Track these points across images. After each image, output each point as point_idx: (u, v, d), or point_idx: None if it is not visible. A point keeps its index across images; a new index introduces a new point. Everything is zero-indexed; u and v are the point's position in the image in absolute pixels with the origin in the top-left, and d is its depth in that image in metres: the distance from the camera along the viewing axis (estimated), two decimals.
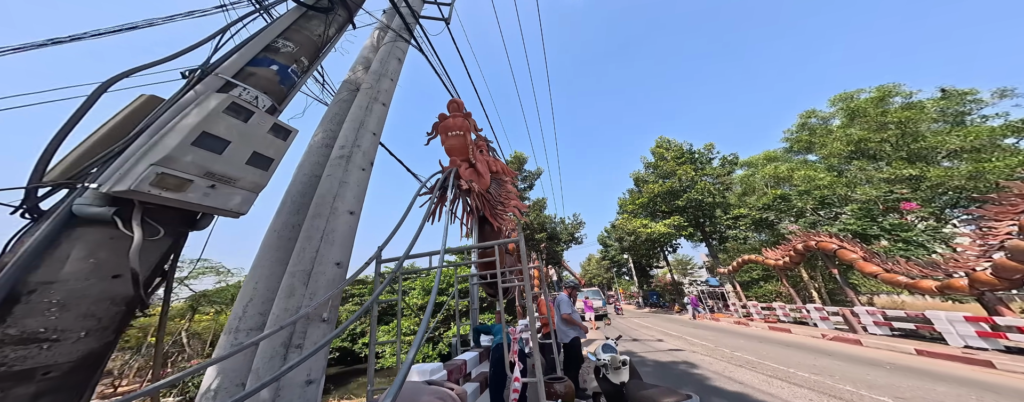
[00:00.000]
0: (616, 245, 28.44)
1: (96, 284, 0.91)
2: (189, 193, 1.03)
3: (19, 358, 0.78)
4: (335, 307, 1.68)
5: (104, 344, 0.96)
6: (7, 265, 0.76)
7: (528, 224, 20.20)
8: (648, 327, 12.02)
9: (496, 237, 3.85)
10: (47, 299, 0.82)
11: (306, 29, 1.74)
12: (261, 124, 1.30)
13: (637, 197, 22.26)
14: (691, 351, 6.63)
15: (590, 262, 54.64)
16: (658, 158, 22.21)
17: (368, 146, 2.11)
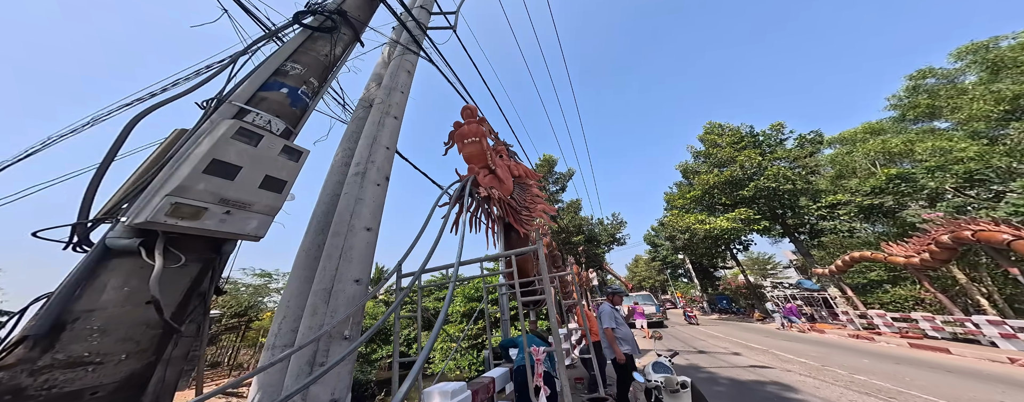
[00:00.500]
0: (667, 244, 25.99)
1: (132, 310, 0.99)
2: (205, 220, 1.09)
3: (67, 380, 0.86)
4: (357, 324, 1.70)
5: (145, 365, 1.04)
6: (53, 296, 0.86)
7: (563, 227, 19.60)
8: (718, 336, 10.61)
9: (524, 244, 3.70)
10: (89, 326, 0.92)
11: (313, 50, 1.86)
12: (271, 147, 1.37)
13: (687, 190, 20.05)
14: (783, 369, 5.50)
15: (638, 264, 50.84)
16: (709, 146, 19.82)
17: (382, 161, 2.16)
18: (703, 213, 17.78)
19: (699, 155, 20.90)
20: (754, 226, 15.51)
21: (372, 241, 1.93)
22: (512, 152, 4.16)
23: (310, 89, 1.81)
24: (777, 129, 18.71)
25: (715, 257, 21.48)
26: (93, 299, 0.94)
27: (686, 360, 6.73)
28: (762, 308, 16.66)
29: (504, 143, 4.08)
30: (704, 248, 18.72)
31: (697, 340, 9.90)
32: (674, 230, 18.43)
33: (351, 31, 2.19)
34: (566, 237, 19.64)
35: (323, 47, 1.91)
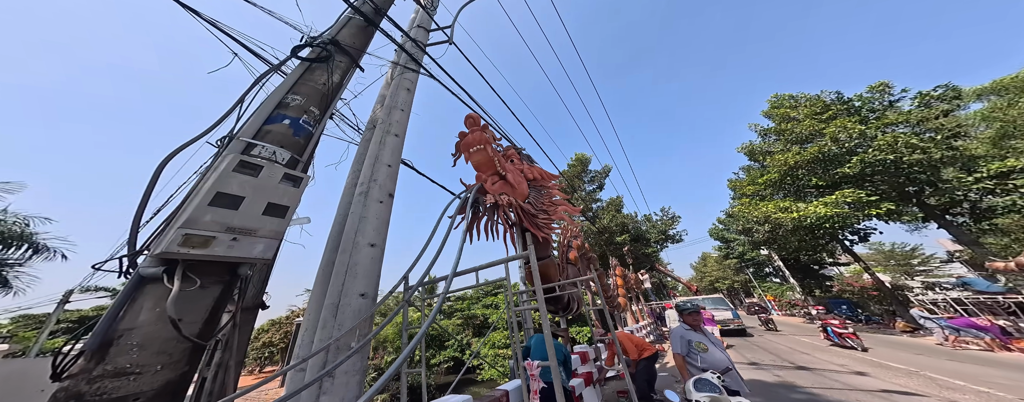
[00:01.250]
0: (742, 239, 22.68)
1: (163, 328, 1.20)
2: (214, 248, 1.28)
3: (115, 387, 1.08)
4: (364, 335, 1.81)
5: (180, 374, 1.25)
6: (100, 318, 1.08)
7: (604, 227, 18.66)
8: (833, 351, 8.63)
9: (544, 248, 3.61)
10: (130, 341, 1.14)
11: (311, 81, 2.09)
12: (272, 176, 1.56)
13: (758, 174, 17.32)
14: (945, 399, 4.16)
15: (706, 263, 45.71)
16: (780, 120, 16.97)
17: (384, 178, 2.31)
18: (787, 200, 14.88)
19: (768, 133, 18.00)
20: (871, 210, 12.29)
21: (377, 256, 2.06)
22: (526, 155, 4.11)
23: (312, 117, 2.04)
24: (880, 90, 15.19)
25: (817, 251, 17.71)
26: (132, 319, 1.16)
27: (775, 377, 5.58)
28: (908, 316, 12.73)
29: (515, 148, 4.06)
30: (797, 241, 15.63)
31: (797, 354, 8.16)
32: (748, 221, 15.92)
33: (348, 58, 2.42)
34: (609, 237, 18.65)
35: (321, 77, 2.14)
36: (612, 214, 19.73)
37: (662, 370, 6.30)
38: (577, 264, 4.87)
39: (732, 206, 20.68)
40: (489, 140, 3.21)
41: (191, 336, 1.23)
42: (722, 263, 35.58)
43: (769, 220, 14.49)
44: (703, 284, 43.54)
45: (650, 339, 10.08)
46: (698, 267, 50.47)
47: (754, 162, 19.21)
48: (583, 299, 4.49)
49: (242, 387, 1.44)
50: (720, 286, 39.21)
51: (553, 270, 3.58)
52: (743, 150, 19.32)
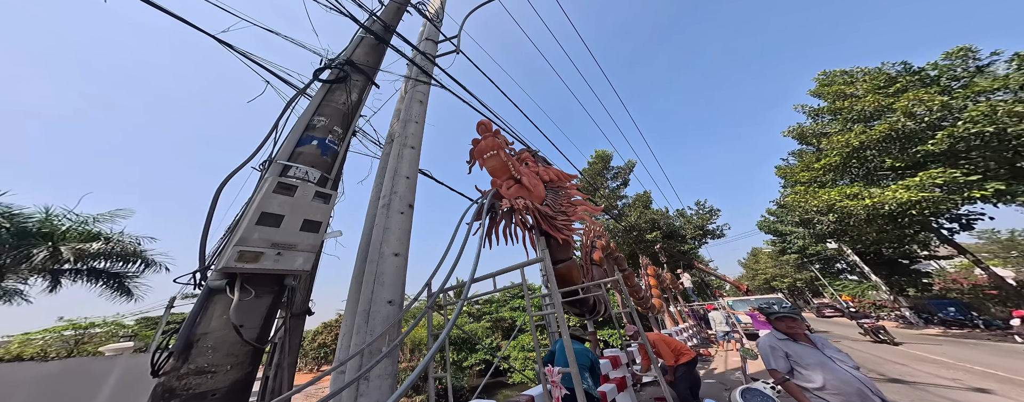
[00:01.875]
0: (801, 232, 20.69)
1: (230, 333, 1.46)
2: (263, 262, 1.52)
3: (197, 384, 1.33)
4: (393, 340, 2.00)
5: (245, 374, 1.50)
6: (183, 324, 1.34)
7: (632, 225, 18.10)
8: (937, 360, 7.42)
9: (565, 250, 3.67)
10: (205, 345, 1.39)
11: (333, 101, 2.34)
12: (306, 195, 1.80)
13: (813, 159, 15.82)
14: None
15: (757, 259, 42.51)
16: (833, 98, 15.44)
17: (404, 190, 2.52)
18: (855, 185, 13.28)
19: (820, 113, 16.42)
20: (973, 192, 10.60)
21: (401, 265, 2.26)
22: (541, 157, 4.19)
23: (336, 136, 2.28)
24: (961, 56, 13.24)
25: (905, 243, 15.59)
26: (206, 325, 1.42)
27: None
28: None
29: (530, 150, 4.16)
30: (875, 232, 13.92)
31: (888, 363, 7.06)
32: (806, 212, 14.50)
33: (363, 76, 2.66)
34: (637, 235, 18.08)
35: (340, 96, 2.39)
36: (639, 211, 19.11)
37: (708, 377, 6.04)
38: (602, 265, 4.85)
39: (784, 195, 19.06)
40: (501, 145, 3.32)
41: (250, 340, 1.47)
42: (777, 259, 32.37)
43: (834, 209, 13.09)
44: (756, 283, 40.34)
45: (692, 343, 9.66)
46: (748, 264, 46.93)
47: (806, 146, 17.57)
48: (611, 301, 4.47)
49: (297, 385, 1.68)
50: (778, 285, 36.00)
51: (575, 272, 3.61)
52: (790, 134, 17.77)
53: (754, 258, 45.24)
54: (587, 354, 2.76)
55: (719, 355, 8.39)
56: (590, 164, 22.58)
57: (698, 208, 22.69)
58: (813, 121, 16.88)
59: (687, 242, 20.72)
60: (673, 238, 20.20)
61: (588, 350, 2.98)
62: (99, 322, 6.69)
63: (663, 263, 17.79)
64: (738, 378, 5.63)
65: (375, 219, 2.44)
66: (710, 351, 8.76)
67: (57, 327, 6.32)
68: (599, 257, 4.68)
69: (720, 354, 8.51)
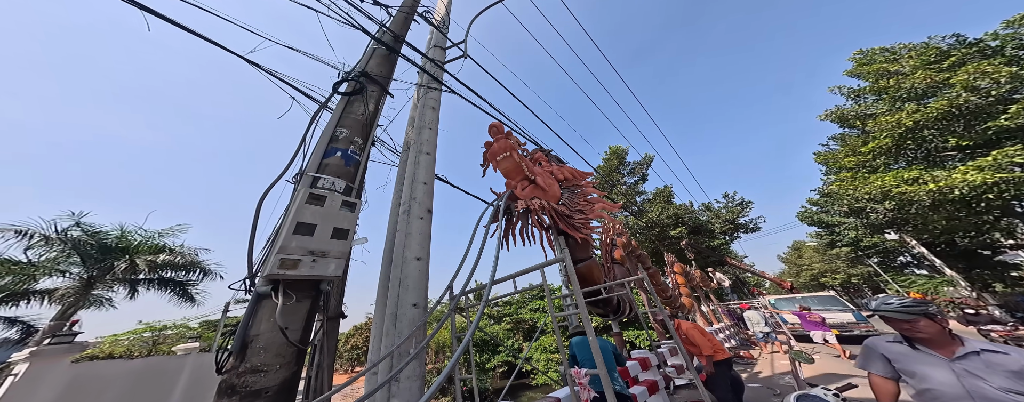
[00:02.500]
0: (852, 222, 19.39)
1: (277, 335, 1.65)
2: (301, 269, 1.71)
3: (253, 382, 1.52)
4: (420, 342, 2.16)
5: (292, 373, 1.69)
6: (238, 327, 1.54)
7: (654, 221, 17.78)
8: None
9: (584, 250, 3.75)
10: (257, 346, 1.58)
11: (352, 113, 2.54)
12: (334, 204, 1.99)
13: (858, 143, 15.02)
14: None
15: (801, 253, 40.25)
16: (875, 77, 14.68)
17: (422, 196, 2.69)
18: (914, 168, 12.41)
19: (862, 93, 15.62)
20: None
21: (424, 269, 2.42)
22: (554, 156, 4.29)
23: (357, 147, 2.48)
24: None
25: (983, 232, 14.25)
26: (257, 328, 1.61)
27: None
28: None
29: (542, 150, 4.26)
30: (944, 220, 12.91)
31: None
32: (856, 200, 13.71)
33: (378, 87, 2.86)
34: (661, 231, 17.74)
35: (358, 108, 2.59)
36: (661, 206, 18.73)
37: (752, 381, 5.87)
38: (624, 263, 4.86)
39: (826, 183, 18.10)
40: (514, 146, 3.45)
41: (294, 341, 1.66)
42: (825, 253, 30.17)
43: (891, 196, 12.33)
44: (801, 280, 37.98)
45: (729, 344, 9.35)
46: (790, 259, 44.40)
47: (849, 129, 16.70)
48: (635, 300, 4.49)
49: (335, 385, 1.86)
50: (829, 281, 33.45)
51: (596, 271, 3.67)
52: (829, 117, 16.91)
53: (796, 252, 42.81)
54: (607, 346, 2.77)
55: (763, 358, 8.09)
56: (605, 161, 22.38)
57: (727, 201, 21.97)
58: (854, 103, 16.03)
59: (716, 237, 20.09)
60: (700, 233, 19.65)
61: (607, 341, 2.96)
62: (170, 325, 7.75)
63: (690, 260, 17.34)
64: (788, 383, 5.43)
65: (397, 225, 2.62)
66: (751, 353, 8.46)
67: (138, 329, 7.38)
68: (620, 255, 4.71)
69: (764, 356, 8.21)
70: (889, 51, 15.01)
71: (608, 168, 22.02)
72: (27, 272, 8.35)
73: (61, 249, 8.33)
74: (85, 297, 8.38)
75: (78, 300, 8.30)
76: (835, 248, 24.56)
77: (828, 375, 5.82)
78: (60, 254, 8.38)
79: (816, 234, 25.15)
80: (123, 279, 8.74)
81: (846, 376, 5.48)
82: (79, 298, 8.34)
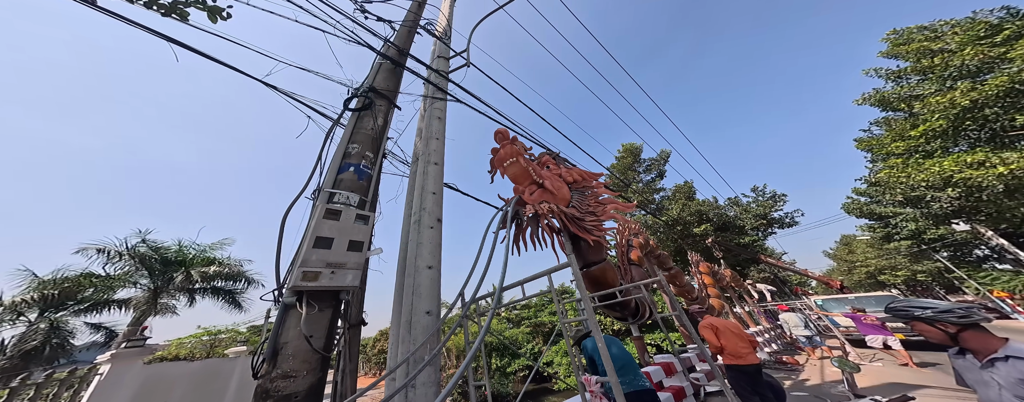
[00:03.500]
0: (909, 212, 17.43)
1: (303, 342, 1.78)
2: (321, 280, 1.84)
3: (284, 386, 1.66)
4: (434, 348, 2.23)
5: (317, 379, 1.82)
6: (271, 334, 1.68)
7: (675, 219, 17.03)
8: None
9: (597, 252, 3.69)
10: (287, 352, 1.72)
11: (363, 128, 2.69)
12: (348, 218, 2.12)
13: (907, 126, 13.70)
14: None
15: (851, 248, 36.36)
16: (916, 56, 13.42)
17: (432, 205, 2.79)
18: (979, 150, 11.25)
19: (904, 74, 14.27)
20: None
21: (435, 277, 2.50)
22: (562, 158, 4.27)
23: (368, 161, 2.63)
24: None
25: None
26: (286, 336, 1.76)
27: None
28: None
29: (550, 153, 4.25)
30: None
31: None
32: (912, 187, 12.44)
33: (386, 101, 3.01)
34: (683, 229, 16.96)
35: (369, 122, 2.74)
36: (682, 203, 17.94)
37: (797, 389, 5.42)
38: (642, 264, 4.72)
39: (874, 171, 16.55)
40: (520, 151, 3.48)
41: (319, 349, 1.78)
42: (882, 248, 26.76)
43: (953, 182, 11.06)
44: (854, 278, 34.22)
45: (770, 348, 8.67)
46: (839, 255, 40.34)
47: (892, 112, 15.21)
48: (655, 303, 4.34)
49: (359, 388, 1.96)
50: (889, 279, 29.72)
51: (611, 274, 3.60)
52: (869, 101, 15.56)
53: (846, 248, 38.85)
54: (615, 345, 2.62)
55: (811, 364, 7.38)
56: (619, 158, 21.86)
57: (756, 195, 20.60)
58: (896, 84, 14.63)
59: (747, 234, 18.88)
60: (728, 230, 18.58)
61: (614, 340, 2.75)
62: (223, 329, 8.78)
63: (719, 259, 16.40)
64: (840, 392, 4.92)
65: (409, 235, 2.72)
66: (797, 359, 7.74)
67: (197, 333, 8.39)
68: (637, 256, 4.58)
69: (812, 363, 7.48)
70: (928, 29, 13.83)
71: (622, 166, 21.49)
72: (107, 284, 9.51)
73: (132, 263, 9.42)
74: (153, 305, 9.44)
75: (148, 308, 9.37)
76: (893, 242, 22.08)
77: (890, 385, 5.23)
78: (131, 268, 9.46)
79: (867, 227, 22.81)
80: (182, 289, 9.93)
81: (909, 387, 4.90)
82: (149, 306, 9.38)
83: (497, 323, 15.54)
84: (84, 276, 9.24)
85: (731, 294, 10.61)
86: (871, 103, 15.45)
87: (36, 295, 8.85)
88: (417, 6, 4.18)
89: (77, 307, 9.82)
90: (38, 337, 8.97)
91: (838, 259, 40.65)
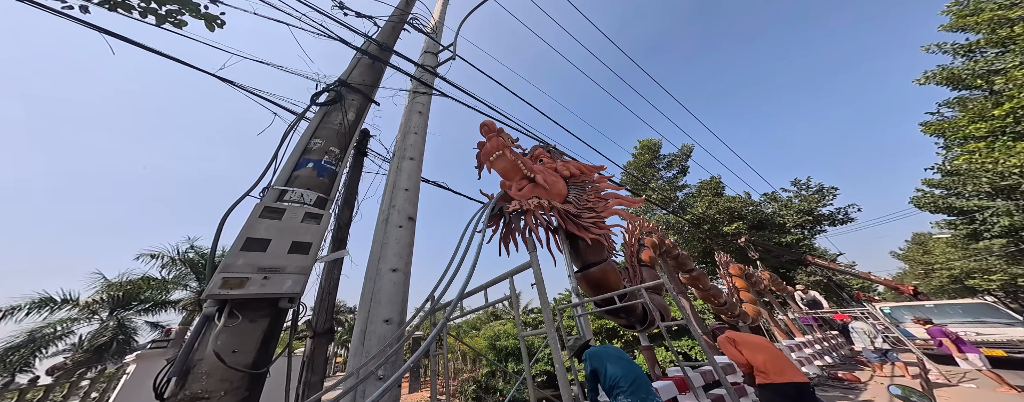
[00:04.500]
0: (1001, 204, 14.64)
1: (224, 357, 1.51)
2: (249, 288, 1.58)
3: None
4: (392, 363, 1.89)
5: (241, 400, 1.54)
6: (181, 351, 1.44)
7: (701, 217, 15.58)
8: None
9: (597, 252, 3.20)
10: (200, 371, 1.46)
11: (329, 123, 2.47)
12: (294, 217, 1.87)
13: (988, 105, 11.79)
14: None
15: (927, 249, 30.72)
16: (990, 27, 11.60)
17: (403, 203, 2.49)
18: None
19: (976, 48, 12.25)
20: None
21: (400, 281, 2.18)
22: (557, 151, 3.85)
23: (333, 157, 2.39)
24: None
25: None
26: (201, 351, 1.51)
27: None
28: None
29: (544, 147, 3.85)
30: None
31: None
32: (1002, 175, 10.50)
33: (359, 95, 2.79)
34: (711, 228, 15.46)
35: (337, 117, 2.52)
36: (709, 199, 16.35)
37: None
38: (655, 266, 4.11)
39: (948, 159, 14.17)
40: (506, 144, 3.12)
41: (240, 366, 1.51)
42: (967, 248, 22.16)
43: None
44: (934, 283, 28.65)
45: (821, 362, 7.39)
46: (911, 256, 34.39)
47: (968, 90, 12.97)
48: (668, 308, 3.72)
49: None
50: (981, 285, 24.26)
51: (613, 276, 3.10)
52: (933, 79, 13.38)
53: (920, 248, 33.14)
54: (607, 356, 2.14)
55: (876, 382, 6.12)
56: (635, 155, 20.61)
57: (798, 189, 18.37)
58: (968, 59, 12.47)
59: (789, 232, 16.83)
60: (765, 228, 16.66)
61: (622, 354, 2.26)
62: None
63: (754, 260, 14.67)
64: None
65: (375, 234, 2.44)
66: (857, 376, 6.48)
67: None
68: (649, 257, 3.98)
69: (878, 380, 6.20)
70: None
71: (640, 163, 20.22)
72: (163, 286, 10.37)
73: (181, 268, 10.21)
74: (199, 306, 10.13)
75: (194, 309, 10.10)
76: (982, 240, 18.21)
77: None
78: (180, 272, 10.26)
79: (946, 223, 19.07)
80: None
81: None
82: (195, 307, 10.09)
83: (512, 327, 15.10)
84: (143, 279, 10.19)
85: (771, 299, 9.31)
86: (937, 82, 13.26)
87: (105, 296, 9.88)
88: (405, 2, 4.01)
89: (140, 307, 10.88)
90: (108, 334, 9.99)
91: (910, 261, 34.77)
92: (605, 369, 2.10)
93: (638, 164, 20.16)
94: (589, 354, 2.27)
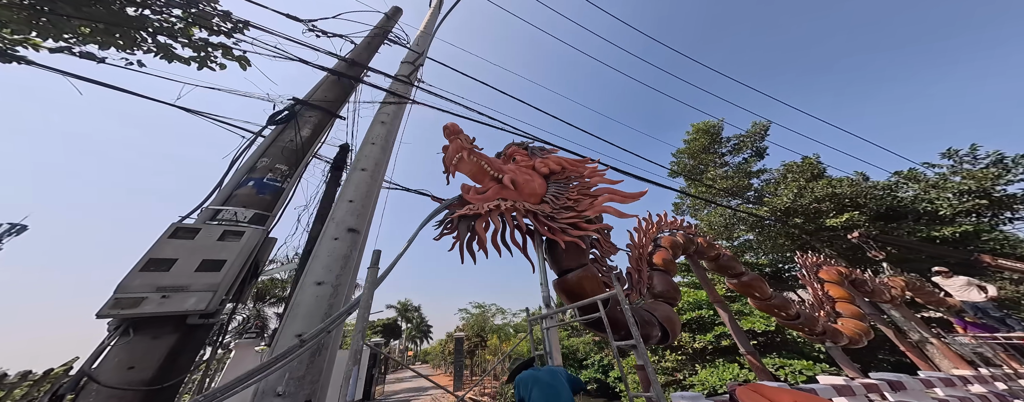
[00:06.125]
0: None
1: (118, 374, 1.48)
2: (144, 306, 1.53)
3: None
4: (296, 379, 1.66)
5: None
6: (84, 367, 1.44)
7: (788, 209, 11.92)
8: None
9: (575, 256, 2.54)
10: (92, 387, 1.43)
11: (280, 141, 2.45)
12: (209, 236, 1.81)
13: None
14: None
15: None
16: None
17: (342, 215, 2.32)
18: None
19: None
20: None
21: (323, 294, 1.98)
22: (535, 147, 3.27)
23: (278, 174, 2.36)
24: None
25: None
26: (101, 367, 1.49)
27: None
28: None
29: (517, 145, 3.32)
30: None
31: None
32: None
33: (319, 111, 2.76)
34: (806, 222, 11.73)
35: (290, 134, 2.51)
36: (800, 185, 12.43)
37: None
38: (672, 271, 3.08)
39: None
40: (465, 146, 2.74)
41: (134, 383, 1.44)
42: None
43: None
44: None
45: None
46: None
47: None
48: (676, 321, 2.73)
49: None
50: None
51: (590, 284, 2.42)
52: None
53: None
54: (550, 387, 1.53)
55: None
56: (688, 142, 17.06)
57: (954, 162, 12.63)
58: None
59: (946, 223, 11.61)
60: (897, 219, 11.89)
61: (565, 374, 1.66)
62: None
63: (879, 262, 10.44)
64: None
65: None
66: None
67: None
68: (664, 260, 2.99)
69: None
70: None
71: (694, 149, 16.68)
72: (284, 286, 12.89)
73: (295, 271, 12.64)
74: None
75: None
76: None
77: None
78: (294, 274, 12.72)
79: None
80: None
81: None
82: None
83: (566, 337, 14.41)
84: (270, 280, 12.84)
85: (905, 315, 6.38)
86: None
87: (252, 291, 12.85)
88: (386, 19, 4.00)
89: (271, 300, 13.78)
90: (251, 322, 12.89)
91: None
92: (530, 399, 1.62)
93: (692, 151, 16.86)
94: (520, 379, 1.75)
